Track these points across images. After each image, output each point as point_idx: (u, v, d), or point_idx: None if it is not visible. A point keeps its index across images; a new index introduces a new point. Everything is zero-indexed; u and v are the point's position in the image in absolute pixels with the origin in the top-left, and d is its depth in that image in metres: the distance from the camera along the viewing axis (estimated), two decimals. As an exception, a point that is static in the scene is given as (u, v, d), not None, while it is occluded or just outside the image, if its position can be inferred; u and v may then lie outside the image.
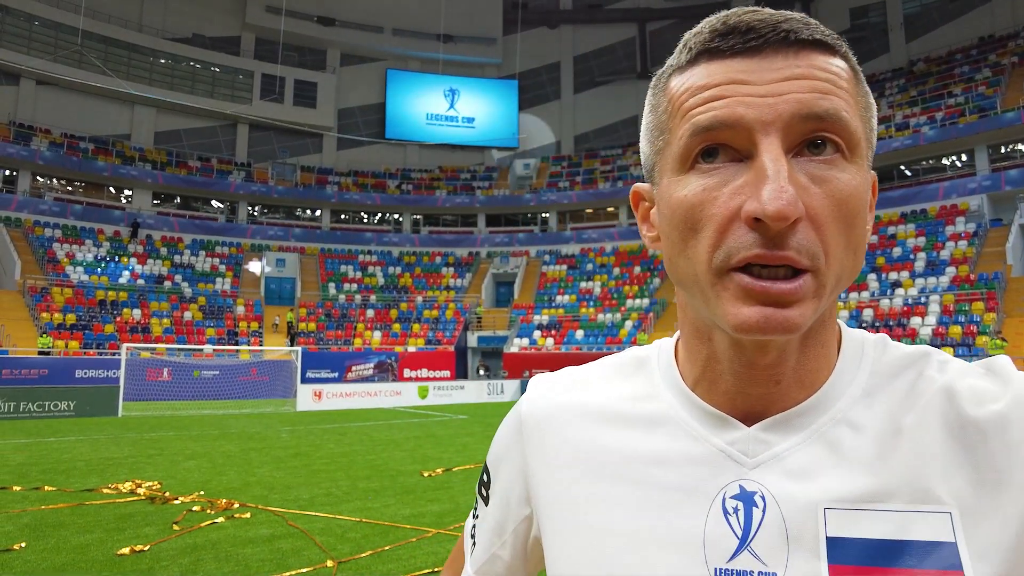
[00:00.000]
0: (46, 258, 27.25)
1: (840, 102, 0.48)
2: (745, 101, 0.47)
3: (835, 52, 0.50)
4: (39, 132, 31.22)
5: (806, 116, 0.47)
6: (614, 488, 0.58)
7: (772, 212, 0.44)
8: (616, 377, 0.65)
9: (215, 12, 37.44)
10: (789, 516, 0.51)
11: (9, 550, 5.10)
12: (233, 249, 33.18)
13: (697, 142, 0.49)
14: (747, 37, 0.49)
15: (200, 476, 8.32)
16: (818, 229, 0.47)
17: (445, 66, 41.03)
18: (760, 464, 0.53)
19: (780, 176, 0.45)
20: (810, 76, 0.48)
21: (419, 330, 29.53)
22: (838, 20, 37.85)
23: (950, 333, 19.99)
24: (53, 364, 20.52)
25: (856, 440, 0.52)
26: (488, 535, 0.70)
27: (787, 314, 0.46)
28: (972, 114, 26.55)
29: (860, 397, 0.54)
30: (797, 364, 0.54)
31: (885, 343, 0.58)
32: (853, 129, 0.48)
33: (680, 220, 0.50)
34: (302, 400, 19.23)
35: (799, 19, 0.49)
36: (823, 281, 0.47)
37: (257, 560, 4.92)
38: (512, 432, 0.68)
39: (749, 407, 0.55)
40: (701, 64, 0.51)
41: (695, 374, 0.58)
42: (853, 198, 0.48)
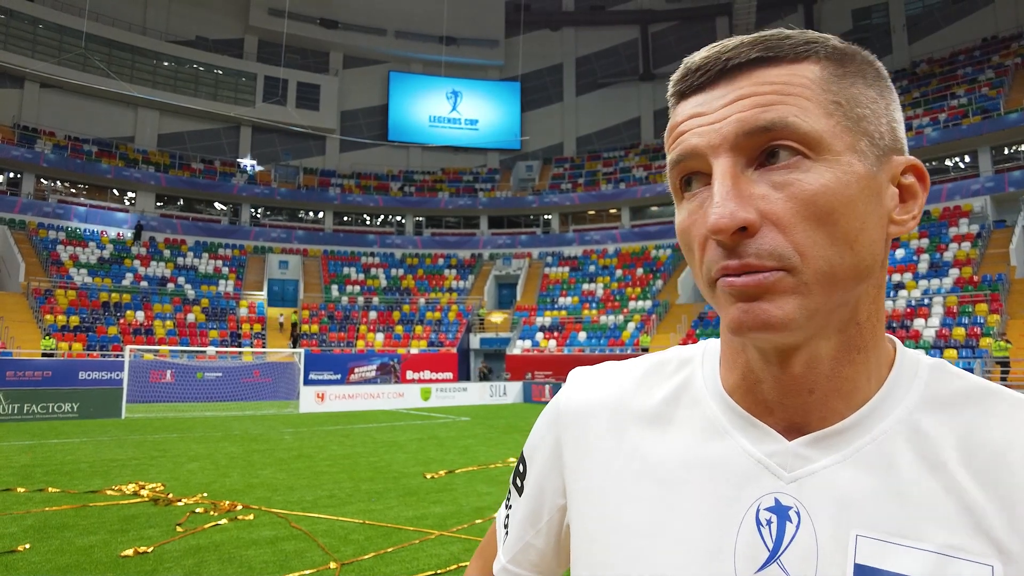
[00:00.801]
0: (50, 260, 27.33)
1: (788, 108, 0.49)
2: (698, 131, 0.52)
3: (786, 60, 0.51)
4: (43, 134, 31.33)
5: (749, 132, 0.49)
6: (648, 488, 0.59)
7: (709, 227, 0.48)
8: (656, 376, 0.65)
9: (218, 15, 37.55)
10: (821, 536, 0.51)
11: (13, 551, 5.11)
12: (236, 251, 33.25)
13: (676, 174, 0.54)
14: (698, 75, 0.53)
15: (203, 478, 8.33)
16: (784, 231, 0.48)
17: (447, 68, 41.08)
18: (797, 479, 0.53)
19: (719, 193, 0.49)
20: (753, 93, 0.50)
21: (422, 332, 29.54)
22: (841, 22, 37.84)
23: (953, 335, 19.94)
24: (57, 366, 20.57)
25: (904, 468, 0.51)
26: (522, 524, 0.71)
27: (764, 306, 0.48)
28: (975, 115, 26.50)
29: (907, 422, 0.53)
30: (832, 372, 0.53)
31: (943, 369, 0.57)
32: (807, 130, 0.49)
33: (682, 243, 0.55)
34: (305, 402, 19.24)
35: (750, 42, 0.52)
36: (803, 279, 0.48)
37: (260, 562, 4.92)
38: (549, 423, 0.69)
39: (788, 418, 0.55)
40: (675, 107, 0.56)
41: (735, 379, 0.59)
42: (821, 194, 0.49)
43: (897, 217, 0.54)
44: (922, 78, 32.51)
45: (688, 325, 26.42)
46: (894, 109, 0.54)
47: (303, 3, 37.85)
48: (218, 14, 37.54)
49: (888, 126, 0.53)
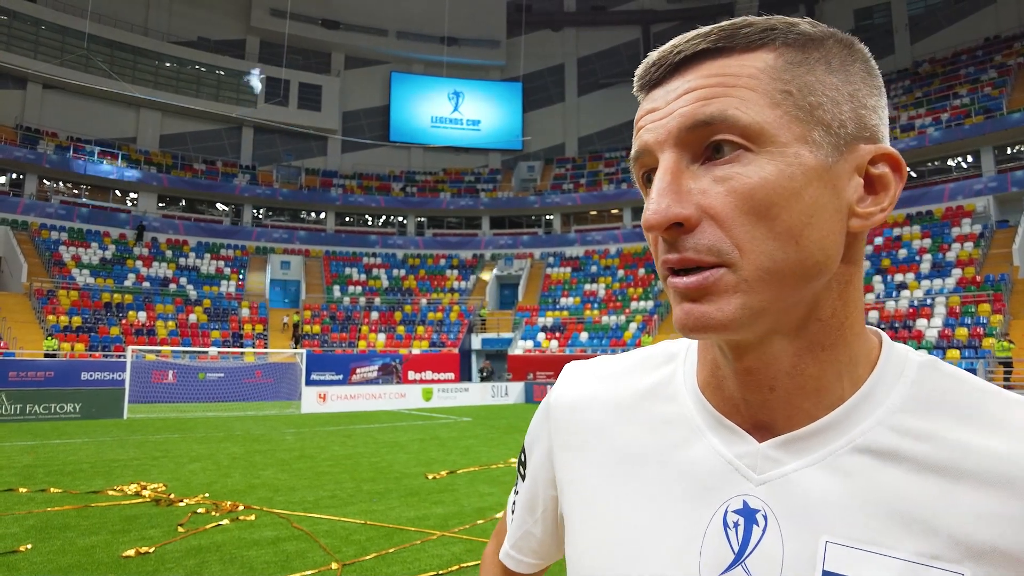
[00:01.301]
0: (52, 261, 27.37)
1: (729, 100, 0.48)
2: (649, 127, 0.52)
3: (737, 50, 0.50)
4: (45, 135, 31.38)
5: (691, 127, 0.49)
6: (624, 483, 0.60)
7: (643, 223, 0.49)
8: (642, 370, 0.66)
9: (220, 16, 37.60)
10: (788, 540, 0.50)
11: (15, 552, 5.12)
12: (238, 252, 33.29)
13: (637, 170, 0.55)
14: (653, 70, 0.53)
15: (205, 478, 8.34)
16: (722, 226, 0.48)
17: (449, 69, 41.09)
18: (767, 482, 0.52)
19: (655, 189, 0.49)
20: (698, 87, 0.49)
21: (423, 332, 29.55)
22: (843, 21, 37.78)
23: (956, 335, 19.90)
24: (59, 366, 20.60)
25: (876, 473, 0.50)
26: (522, 512, 0.74)
27: (703, 308, 0.48)
28: (978, 115, 26.45)
29: (889, 424, 0.51)
30: (793, 369, 0.52)
31: (934, 367, 0.54)
32: (747, 122, 0.48)
33: (647, 237, 0.53)
34: (307, 402, 19.25)
35: (706, 33, 0.51)
36: (743, 275, 0.47)
37: (262, 562, 4.92)
38: (542, 417, 0.72)
39: (753, 416, 0.55)
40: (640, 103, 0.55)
41: (704, 377, 0.59)
42: (760, 188, 0.47)
43: (860, 210, 0.51)
44: (924, 78, 32.46)
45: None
46: (866, 95, 0.51)
47: (304, 4, 37.87)
48: (220, 15, 37.58)
49: (852, 112, 0.50)
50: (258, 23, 37.60)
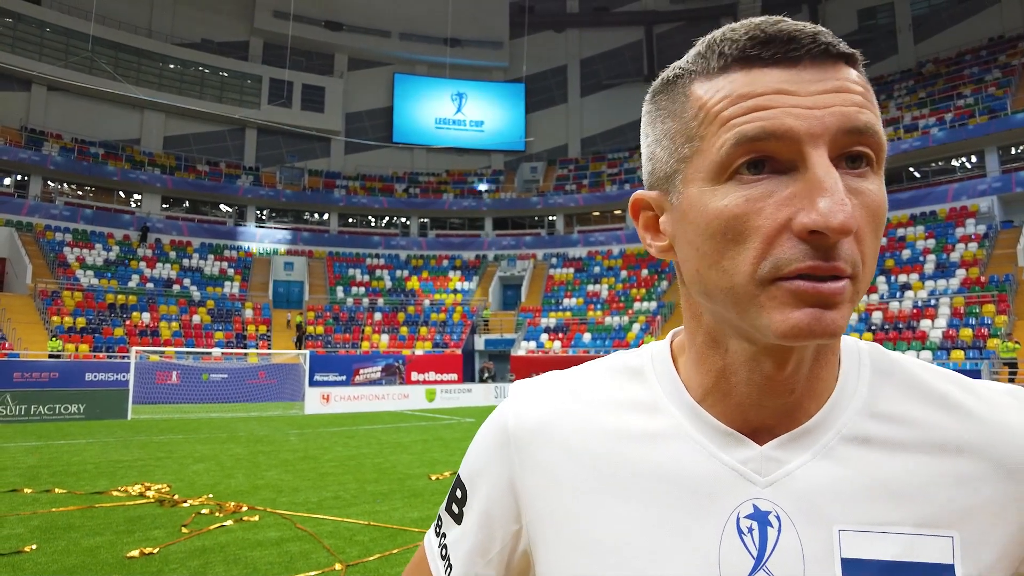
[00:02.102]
0: (57, 262, 27.45)
1: (873, 116, 0.48)
2: (793, 112, 0.47)
3: (857, 65, 0.51)
4: (50, 137, 31.49)
5: (849, 130, 0.47)
6: (621, 504, 0.56)
7: (836, 225, 0.44)
8: (610, 386, 0.63)
9: (224, 17, 37.68)
10: (804, 536, 0.51)
11: (20, 552, 5.13)
12: (241, 253, 33.35)
13: (742, 152, 0.48)
14: (788, 47, 0.48)
15: (209, 479, 8.35)
16: (858, 240, 0.47)
17: (452, 70, 41.12)
18: (773, 483, 0.53)
19: (838, 189, 0.45)
20: (848, 90, 0.48)
21: (426, 333, 29.56)
22: (846, 22, 37.69)
23: (961, 335, 19.84)
24: (63, 367, 20.66)
25: (864, 458, 0.53)
26: (470, 556, 0.65)
27: (833, 315, 0.46)
28: (982, 115, 26.37)
29: (864, 410, 0.55)
30: (811, 373, 0.54)
31: (879, 350, 0.59)
32: (882, 142, 0.49)
33: (718, 231, 0.49)
34: (310, 403, 19.28)
35: (828, 32, 0.50)
36: (859, 288, 0.48)
37: (266, 563, 4.93)
38: (495, 445, 0.65)
39: (761, 421, 0.55)
40: (737, 71, 0.49)
41: (706, 385, 0.57)
42: (881, 208, 0.49)
43: None
44: (928, 78, 32.37)
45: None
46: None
47: (308, 5, 37.94)
48: (223, 17, 37.67)
49: None
50: (261, 25, 37.68)
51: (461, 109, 41.82)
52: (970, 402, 0.55)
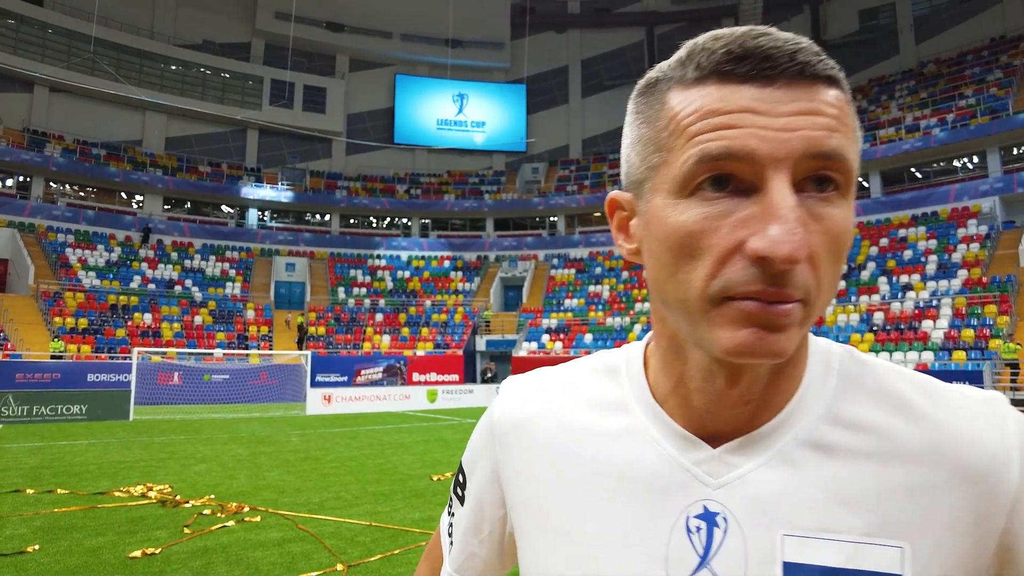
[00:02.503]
0: (59, 263, 27.50)
1: (844, 140, 0.48)
2: (758, 134, 0.46)
3: (838, 85, 0.50)
4: (52, 138, 31.55)
5: (814, 154, 0.47)
6: (583, 498, 0.59)
7: (783, 255, 0.44)
8: (587, 384, 0.66)
9: (225, 19, 37.74)
10: (749, 538, 0.53)
11: (23, 552, 5.14)
12: (243, 254, 33.38)
13: (704, 169, 0.48)
14: (763, 65, 0.47)
15: (210, 479, 8.36)
16: (814, 266, 0.47)
17: (453, 71, 41.15)
18: (724, 485, 0.54)
19: (791, 217, 0.45)
20: (819, 112, 0.47)
21: (428, 334, 29.57)
22: (847, 22, 37.69)
23: (962, 336, 19.81)
24: (65, 368, 20.69)
25: (818, 464, 0.53)
26: (465, 535, 0.72)
27: (779, 337, 0.47)
28: (984, 116, 26.34)
29: (825, 417, 0.55)
30: (768, 386, 0.55)
31: (852, 356, 0.59)
32: (852, 167, 0.48)
33: (676, 245, 0.49)
34: (312, 404, 19.29)
35: (811, 49, 0.49)
36: (811, 312, 0.48)
37: (267, 563, 4.94)
38: (485, 436, 0.70)
39: (717, 427, 0.56)
40: (711, 85, 0.49)
41: (667, 388, 0.59)
42: (845, 234, 0.49)
43: None
44: (929, 78, 32.35)
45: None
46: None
47: (309, 7, 37.98)
48: (225, 18, 37.72)
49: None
50: (263, 26, 37.73)
51: (462, 110, 41.84)
52: (933, 409, 0.54)
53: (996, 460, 0.51)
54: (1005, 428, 0.53)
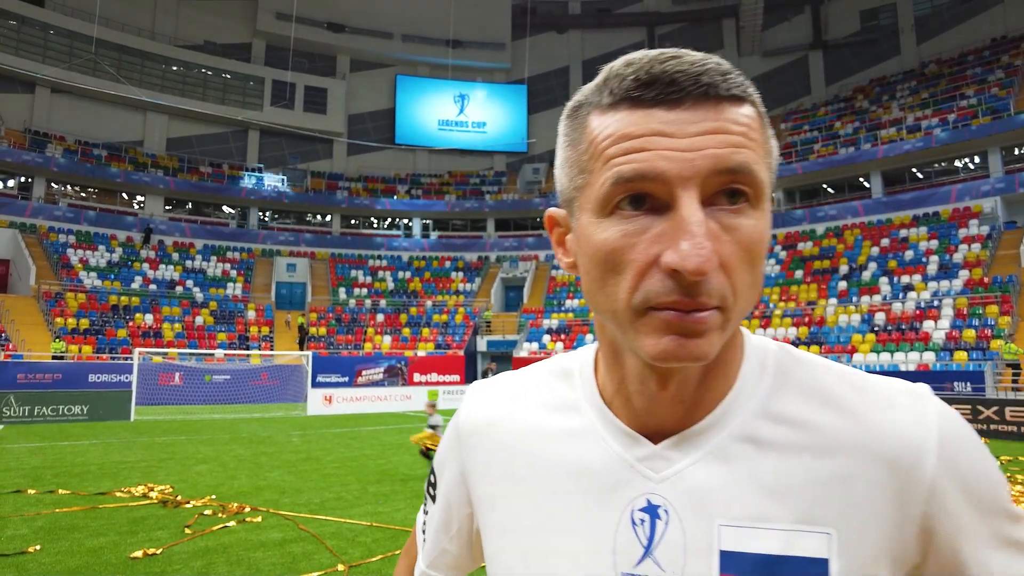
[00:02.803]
0: (60, 263, 27.52)
1: (751, 155, 0.51)
2: (666, 155, 0.50)
3: (747, 101, 0.53)
4: (54, 139, 31.58)
5: (721, 171, 0.50)
6: (537, 494, 0.64)
7: (692, 268, 0.47)
8: (544, 387, 0.70)
9: (226, 19, 37.76)
10: (688, 529, 0.56)
11: (24, 552, 5.15)
12: (244, 254, 33.39)
13: (620, 190, 0.51)
14: (669, 90, 0.51)
15: (211, 480, 8.37)
16: (728, 273, 0.51)
17: (454, 71, 41.16)
18: (665, 480, 0.58)
19: (699, 232, 0.48)
20: (725, 130, 0.51)
21: (429, 334, 29.58)
22: (848, 23, 37.66)
23: (964, 337, 19.79)
24: (67, 368, 20.70)
25: (752, 458, 0.57)
26: (437, 532, 0.76)
27: (698, 343, 0.50)
28: (985, 116, 26.31)
29: (759, 413, 0.59)
30: (699, 386, 0.58)
31: (788, 353, 0.63)
32: (760, 179, 0.52)
33: (601, 261, 0.53)
34: (312, 404, 19.30)
35: (717, 69, 0.52)
36: (729, 316, 0.52)
37: (268, 564, 4.94)
38: (452, 439, 0.75)
39: (658, 425, 0.60)
40: (623, 110, 0.52)
41: (612, 389, 0.63)
42: (758, 243, 0.52)
43: None
44: (931, 79, 32.32)
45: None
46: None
47: (310, 7, 38.01)
48: (226, 19, 37.75)
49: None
50: (264, 27, 37.76)
51: (463, 110, 41.85)
52: (860, 402, 0.58)
53: (915, 448, 0.55)
54: (925, 418, 0.56)
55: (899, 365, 19.64)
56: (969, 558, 0.55)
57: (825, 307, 23.95)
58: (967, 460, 0.56)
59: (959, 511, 0.55)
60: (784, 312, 24.56)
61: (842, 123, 32.39)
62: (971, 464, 0.56)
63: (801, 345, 22.34)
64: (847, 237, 27.46)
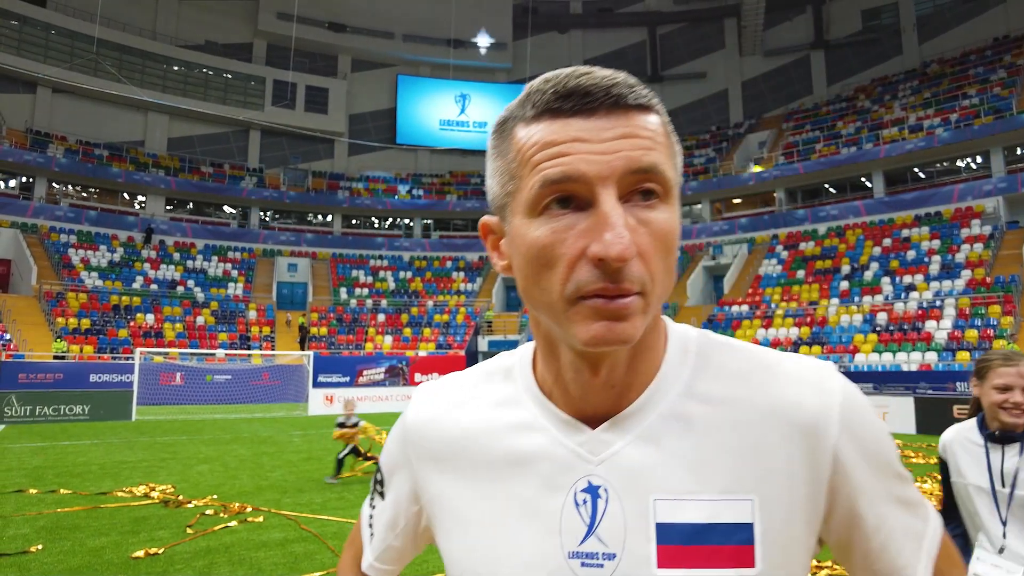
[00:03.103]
0: (61, 263, 27.54)
1: (659, 156, 0.58)
2: (586, 159, 0.56)
3: (653, 110, 0.60)
4: (55, 139, 31.61)
5: (635, 170, 0.56)
6: (487, 484, 0.68)
7: (614, 255, 0.53)
8: (487, 385, 0.74)
9: (227, 19, 37.79)
10: (627, 506, 0.62)
11: (26, 552, 5.15)
12: (245, 254, 33.40)
13: (548, 192, 0.57)
14: (584, 101, 0.58)
15: (213, 480, 8.37)
16: (646, 262, 0.56)
17: (455, 71, 41.17)
18: (603, 461, 0.63)
19: (619, 224, 0.54)
20: (635, 135, 0.57)
21: (430, 334, 29.58)
22: (850, 22, 37.63)
23: (966, 337, 19.76)
24: (68, 368, 20.71)
25: (680, 436, 0.63)
26: (384, 529, 0.81)
27: (624, 326, 0.56)
28: (987, 115, 26.27)
29: (685, 393, 0.64)
30: (628, 371, 0.64)
31: (708, 338, 0.69)
32: (668, 177, 0.58)
33: (534, 257, 0.58)
34: (314, 404, 19.30)
35: (625, 83, 0.59)
36: (649, 301, 0.57)
37: (270, 564, 4.93)
38: (399, 439, 0.78)
39: (594, 410, 0.65)
40: (544, 121, 0.58)
41: (551, 381, 0.67)
42: (670, 234, 0.58)
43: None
44: (933, 78, 32.29)
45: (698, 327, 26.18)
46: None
47: (311, 7, 38.03)
48: (227, 19, 37.78)
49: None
50: (265, 27, 37.78)
51: (465, 110, 41.85)
52: (772, 379, 0.64)
53: (820, 418, 0.62)
54: (830, 392, 0.63)
55: (901, 365, 19.60)
56: (865, 510, 0.63)
57: (827, 307, 23.92)
58: (864, 428, 0.64)
59: (858, 471, 0.62)
60: (786, 312, 24.53)
61: (844, 123, 32.36)
62: (867, 431, 0.64)
63: (803, 345, 22.32)
64: (849, 237, 27.42)
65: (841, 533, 0.64)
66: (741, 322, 25.03)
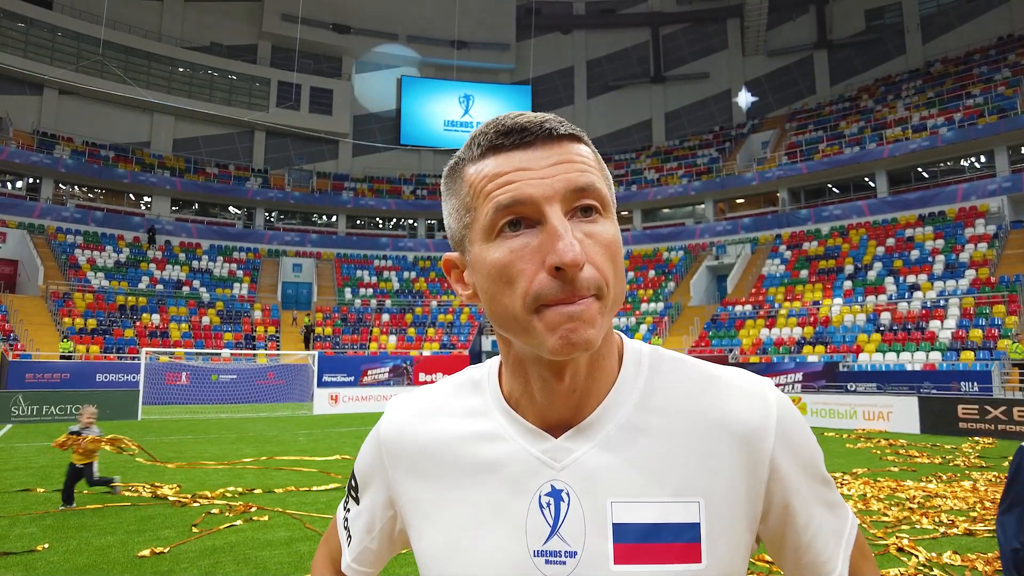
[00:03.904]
0: (68, 264, 27.68)
1: (594, 176, 0.66)
2: (531, 183, 0.63)
3: (582, 141, 0.69)
4: (61, 140, 31.76)
5: (574, 189, 0.64)
6: (457, 491, 0.73)
7: (569, 260, 0.59)
8: (456, 397, 0.79)
9: (232, 21, 37.90)
10: (586, 508, 0.68)
11: (32, 551, 5.20)
12: (250, 255, 33.50)
13: (501, 216, 0.64)
14: (523, 135, 0.66)
15: (218, 479, 8.42)
16: (597, 269, 0.63)
17: (459, 72, 41.21)
18: (566, 467, 0.69)
19: (568, 235, 0.61)
20: (570, 160, 0.65)
21: (434, 334, 29.62)
22: (853, 22, 37.52)
23: (970, 336, 19.70)
24: (74, 368, 20.83)
25: (635, 444, 0.69)
26: (361, 532, 0.86)
27: (586, 331, 0.62)
28: (991, 115, 26.17)
29: (640, 404, 0.71)
30: (588, 379, 0.70)
31: (659, 354, 0.76)
32: (604, 194, 0.67)
33: (496, 277, 0.64)
34: (319, 404, 19.36)
35: (555, 119, 0.67)
36: (607, 304, 0.64)
37: (276, 563, 4.98)
38: (373, 450, 0.83)
39: (557, 418, 0.71)
40: (490, 157, 0.66)
41: (518, 393, 0.73)
42: (613, 242, 0.65)
43: None
44: (936, 78, 32.18)
45: (701, 327, 26.30)
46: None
47: (316, 8, 38.11)
48: (232, 20, 37.88)
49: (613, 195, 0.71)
50: (270, 28, 37.87)
51: (468, 111, 41.89)
52: (716, 392, 0.71)
53: (759, 430, 0.69)
54: (768, 405, 0.71)
55: (905, 365, 19.56)
56: (797, 509, 0.71)
57: (830, 307, 23.87)
58: (797, 437, 0.72)
59: (791, 475, 0.70)
60: (789, 312, 24.49)
61: (847, 123, 32.27)
62: (799, 440, 0.72)
63: (807, 345, 22.30)
64: (852, 237, 27.36)
65: (776, 530, 0.72)
66: (744, 322, 25.00)
